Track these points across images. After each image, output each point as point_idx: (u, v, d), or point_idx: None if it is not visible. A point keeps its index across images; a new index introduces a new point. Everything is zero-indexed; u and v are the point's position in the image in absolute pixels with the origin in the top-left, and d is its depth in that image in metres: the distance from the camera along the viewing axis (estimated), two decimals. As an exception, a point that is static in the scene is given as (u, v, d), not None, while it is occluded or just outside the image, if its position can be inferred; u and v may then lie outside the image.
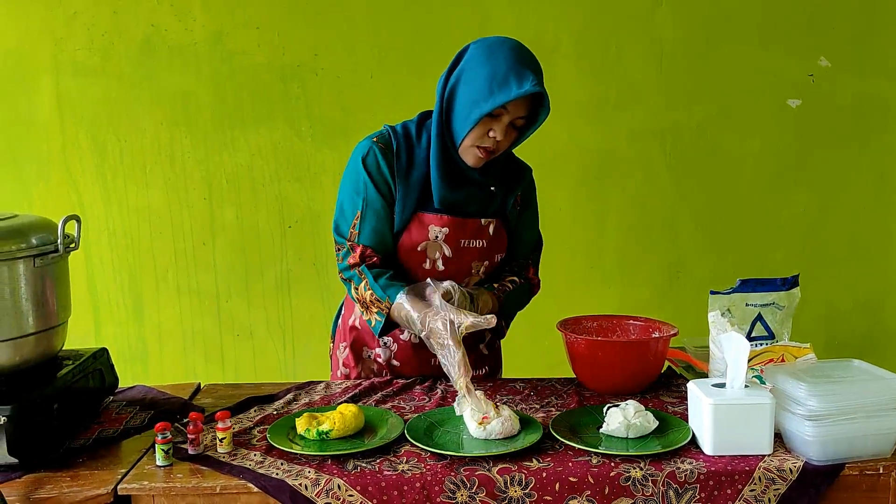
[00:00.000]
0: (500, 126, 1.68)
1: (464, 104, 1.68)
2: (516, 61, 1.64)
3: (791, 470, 1.38)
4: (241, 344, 3.18)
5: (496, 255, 1.89)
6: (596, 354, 1.77)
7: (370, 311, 1.77)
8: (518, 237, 1.94)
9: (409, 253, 1.81)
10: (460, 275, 1.86)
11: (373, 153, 1.78)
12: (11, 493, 1.36)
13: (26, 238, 1.50)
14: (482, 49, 1.69)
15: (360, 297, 1.78)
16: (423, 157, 1.79)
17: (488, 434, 1.48)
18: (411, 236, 1.80)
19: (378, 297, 1.74)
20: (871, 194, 3.22)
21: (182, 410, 1.70)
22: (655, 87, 3.12)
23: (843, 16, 3.10)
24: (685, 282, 3.21)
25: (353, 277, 1.79)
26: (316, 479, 1.36)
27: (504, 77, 1.62)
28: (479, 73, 1.66)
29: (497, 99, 1.63)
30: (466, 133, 1.69)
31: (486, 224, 1.84)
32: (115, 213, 3.09)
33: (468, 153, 1.73)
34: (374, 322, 1.77)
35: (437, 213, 1.79)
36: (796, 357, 1.60)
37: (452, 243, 1.81)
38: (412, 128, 1.82)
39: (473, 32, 3.00)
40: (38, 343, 1.53)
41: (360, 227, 1.79)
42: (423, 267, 1.83)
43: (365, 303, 1.77)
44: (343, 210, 1.82)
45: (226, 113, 3.05)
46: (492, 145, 1.71)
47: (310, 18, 3.01)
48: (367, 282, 1.76)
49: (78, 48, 2.99)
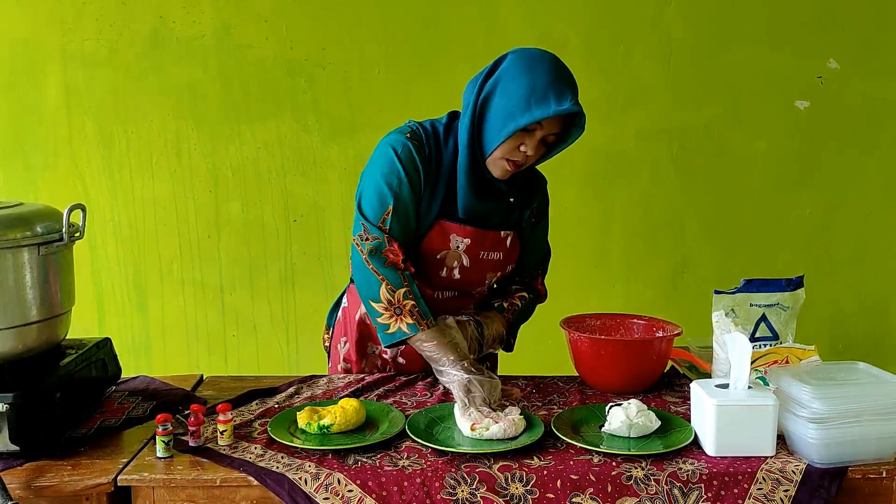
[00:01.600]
0: (533, 141, 1.64)
1: (498, 115, 1.63)
2: (557, 77, 1.60)
3: (794, 472, 1.38)
4: (244, 337, 3.18)
5: (509, 265, 1.88)
6: (599, 353, 1.76)
7: (400, 318, 1.67)
8: (530, 248, 1.92)
9: (427, 259, 1.77)
10: (473, 284, 1.85)
11: (408, 149, 1.71)
12: (13, 480, 1.36)
13: (31, 226, 1.50)
14: (522, 60, 1.63)
15: (395, 300, 1.68)
16: (449, 160, 1.73)
17: (490, 436, 1.46)
18: (432, 243, 1.76)
19: (421, 311, 1.67)
20: (878, 197, 3.20)
21: (184, 402, 1.70)
22: (663, 87, 3.11)
23: (853, 18, 3.09)
24: (690, 282, 3.20)
25: (388, 275, 1.68)
26: (316, 473, 1.36)
27: (543, 92, 1.58)
28: (517, 84, 1.61)
29: (535, 114, 1.58)
30: (498, 145, 1.64)
31: (504, 236, 1.82)
32: (120, 204, 3.09)
33: (496, 165, 1.69)
34: (396, 330, 1.68)
35: (460, 224, 1.75)
36: (801, 359, 1.59)
37: (472, 254, 1.79)
38: (440, 129, 1.77)
39: (481, 29, 3.05)
40: (42, 332, 1.53)
41: (391, 223, 1.71)
42: (439, 274, 1.80)
43: (399, 308, 1.68)
44: (373, 199, 1.72)
45: (232, 106, 3.05)
46: (521, 159, 1.67)
47: (318, 13, 3.00)
48: (411, 290, 1.68)
49: (86, 39, 2.99)
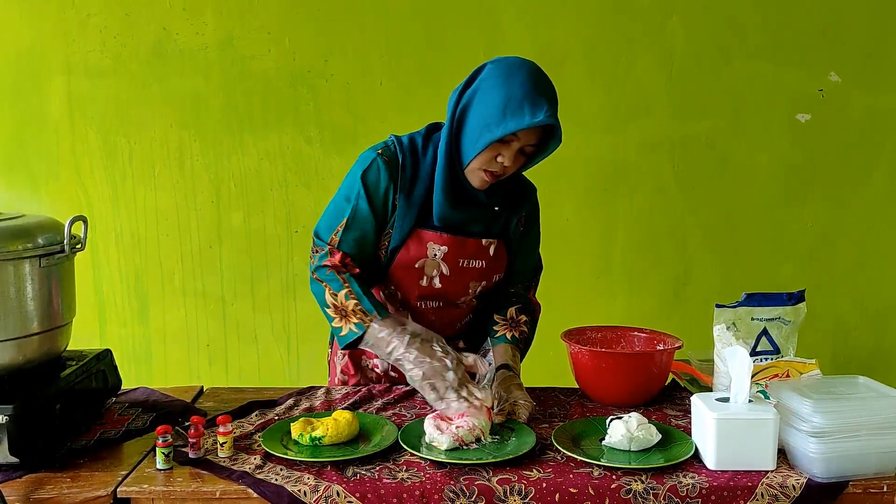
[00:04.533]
0: (510, 152, 1.64)
1: (474, 126, 1.64)
2: (533, 88, 1.59)
3: (794, 487, 1.37)
4: (245, 347, 3.18)
5: (495, 275, 1.86)
6: (600, 365, 1.76)
7: (348, 319, 1.68)
8: (520, 259, 1.91)
9: (405, 269, 1.78)
10: (456, 294, 1.84)
11: (375, 167, 1.73)
12: (12, 492, 1.36)
13: (32, 238, 1.50)
14: (499, 70, 1.63)
15: (339, 303, 1.70)
16: (428, 171, 1.74)
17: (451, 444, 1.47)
18: (409, 252, 1.76)
19: (364, 308, 1.68)
20: (880, 210, 3.20)
21: (184, 413, 1.69)
22: (665, 99, 3.11)
23: (854, 31, 3.10)
24: (691, 294, 3.20)
25: (329, 280, 1.72)
26: (315, 485, 1.36)
27: (519, 104, 1.57)
28: (493, 95, 1.61)
29: (509, 126, 1.58)
30: (474, 156, 1.65)
31: (486, 244, 1.81)
32: (122, 214, 3.10)
33: (474, 175, 1.69)
34: (348, 332, 1.68)
35: (436, 231, 1.75)
36: (802, 373, 1.59)
37: (451, 262, 1.78)
38: (419, 141, 1.78)
39: (484, 41, 3.06)
40: (42, 343, 1.53)
41: (342, 234, 1.75)
42: (419, 284, 1.80)
43: (343, 310, 1.69)
44: (329, 214, 1.79)
45: (235, 117, 3.06)
46: (499, 170, 1.67)
47: (321, 24, 3.02)
48: (352, 290, 1.70)
49: (90, 50, 3.01)
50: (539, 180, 1.93)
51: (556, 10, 3.04)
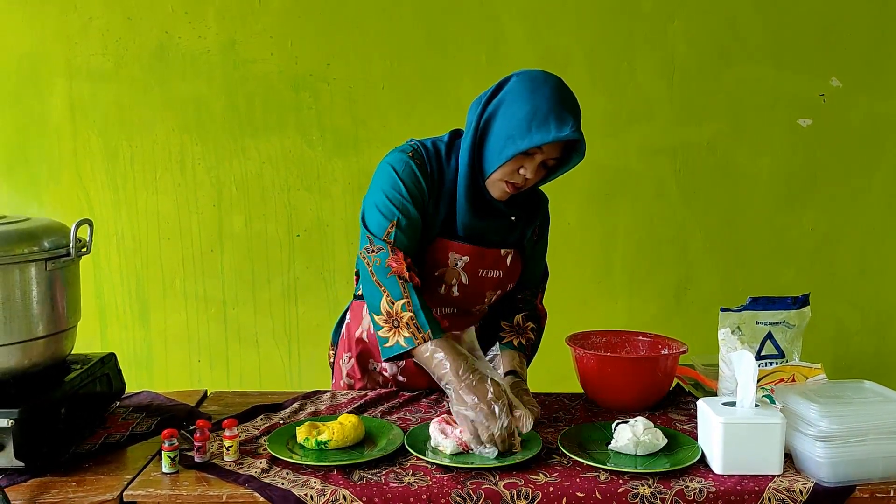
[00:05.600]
0: (533, 165, 1.63)
1: (499, 137, 1.63)
2: (559, 103, 1.59)
3: (801, 491, 1.37)
4: (246, 351, 3.18)
5: (509, 284, 1.87)
6: (605, 370, 1.76)
7: (398, 331, 1.60)
8: (530, 267, 1.91)
9: (426, 276, 1.77)
10: (473, 303, 1.84)
11: (410, 167, 1.70)
12: (17, 497, 1.35)
13: (38, 241, 1.50)
14: (525, 83, 1.63)
15: (394, 312, 1.61)
16: (451, 179, 1.74)
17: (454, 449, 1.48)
18: (431, 260, 1.76)
19: (419, 323, 1.59)
20: (882, 214, 3.21)
21: (188, 417, 1.69)
22: (666, 103, 3.12)
23: (855, 37, 3.10)
24: (694, 299, 3.20)
25: (390, 286, 1.62)
26: (322, 489, 1.36)
27: (545, 117, 1.57)
28: (518, 107, 1.60)
29: (534, 139, 1.57)
30: (497, 167, 1.64)
31: (504, 254, 1.81)
32: (124, 217, 3.09)
33: (495, 186, 1.69)
34: (395, 344, 1.60)
35: (460, 241, 1.75)
36: (807, 377, 1.59)
37: (471, 272, 1.78)
38: (442, 148, 1.76)
39: (485, 46, 3.06)
40: (48, 347, 1.53)
41: (395, 235, 1.67)
42: (438, 291, 1.80)
43: (396, 320, 1.61)
44: (378, 215, 1.70)
45: (237, 120, 3.06)
46: (521, 182, 1.67)
47: (323, 28, 3.02)
48: (410, 301, 1.61)
49: (92, 53, 3.01)
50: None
51: (557, 16, 3.04)
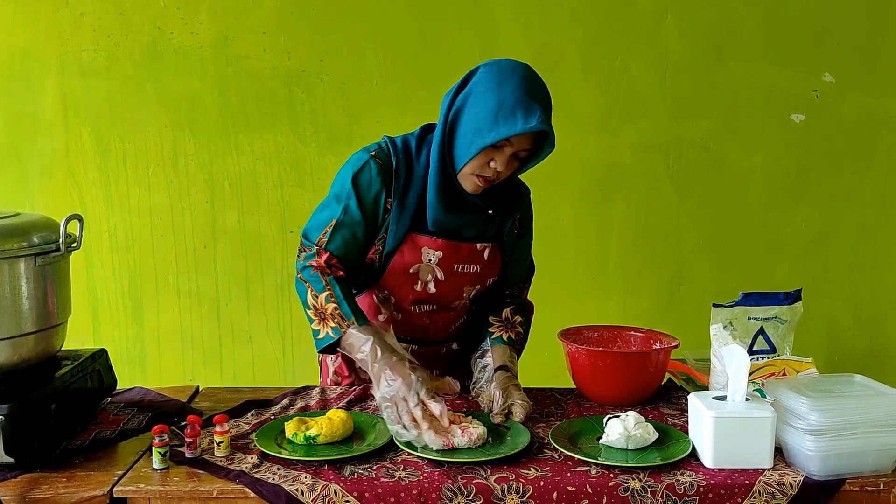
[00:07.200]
0: (503, 157, 1.62)
1: (467, 131, 1.62)
2: (526, 93, 1.57)
3: (791, 484, 1.38)
4: (239, 348, 3.17)
5: (489, 279, 1.85)
6: (597, 365, 1.76)
7: (325, 323, 1.65)
8: (514, 262, 1.90)
9: (400, 274, 1.76)
10: (451, 298, 1.83)
11: (368, 170, 1.71)
12: (7, 492, 1.35)
13: (28, 237, 1.49)
14: (492, 74, 1.61)
15: (318, 305, 1.66)
16: (422, 174, 1.72)
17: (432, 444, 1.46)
18: (403, 258, 1.74)
19: (343, 313, 1.64)
20: (875, 210, 3.22)
21: (180, 413, 1.69)
22: (660, 100, 3.12)
23: (848, 32, 3.11)
24: (687, 294, 3.20)
25: (313, 281, 1.68)
26: (312, 484, 1.36)
27: (511, 109, 1.55)
28: (486, 100, 1.58)
29: (501, 131, 1.55)
30: (467, 161, 1.62)
31: (481, 249, 1.79)
32: (116, 214, 3.08)
33: (467, 180, 1.67)
34: (325, 335, 1.65)
35: (431, 236, 1.73)
36: (798, 371, 1.60)
37: (446, 267, 1.77)
38: (412, 143, 1.75)
39: (479, 42, 3.06)
40: (38, 342, 1.53)
41: (330, 235, 1.72)
42: (414, 289, 1.78)
43: (322, 313, 1.66)
44: (319, 215, 1.76)
45: (230, 117, 3.05)
46: (492, 175, 1.65)
47: (316, 24, 3.01)
48: (333, 293, 1.65)
49: (84, 49, 3.00)
50: (534, 181, 1.93)
51: (551, 12, 3.04)
